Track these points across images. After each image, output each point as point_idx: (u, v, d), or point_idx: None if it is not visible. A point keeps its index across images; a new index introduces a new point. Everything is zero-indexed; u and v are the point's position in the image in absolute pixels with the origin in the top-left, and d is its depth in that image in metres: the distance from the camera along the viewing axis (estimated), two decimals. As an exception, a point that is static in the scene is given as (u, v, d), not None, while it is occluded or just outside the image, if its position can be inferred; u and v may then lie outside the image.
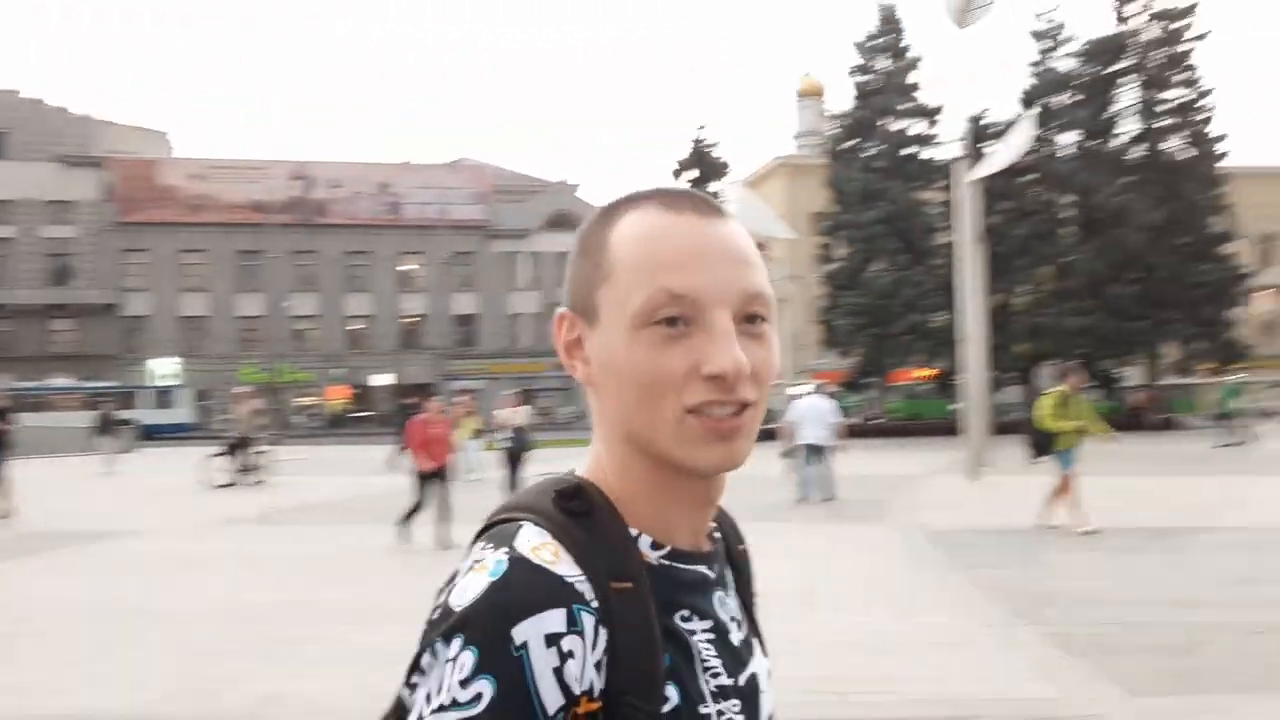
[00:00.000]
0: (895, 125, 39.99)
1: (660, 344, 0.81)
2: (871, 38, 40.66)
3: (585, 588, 0.78)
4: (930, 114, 39.77)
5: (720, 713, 0.84)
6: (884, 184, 38.04)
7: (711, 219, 0.85)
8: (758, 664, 0.93)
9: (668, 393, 0.81)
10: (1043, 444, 11.14)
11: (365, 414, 54.99)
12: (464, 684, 0.74)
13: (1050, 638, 6.30)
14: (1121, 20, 41.06)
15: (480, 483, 16.63)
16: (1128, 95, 40.79)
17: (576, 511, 0.83)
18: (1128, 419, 31.96)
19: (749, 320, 0.83)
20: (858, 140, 40.19)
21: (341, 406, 56.86)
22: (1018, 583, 8.14)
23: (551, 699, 0.75)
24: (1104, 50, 40.29)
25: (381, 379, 56.33)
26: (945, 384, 36.32)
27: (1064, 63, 40.49)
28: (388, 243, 57.25)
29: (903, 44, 40.42)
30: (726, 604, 0.91)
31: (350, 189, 57.02)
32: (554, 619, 0.76)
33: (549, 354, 58.62)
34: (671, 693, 0.80)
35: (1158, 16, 40.65)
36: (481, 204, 58.71)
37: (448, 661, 0.75)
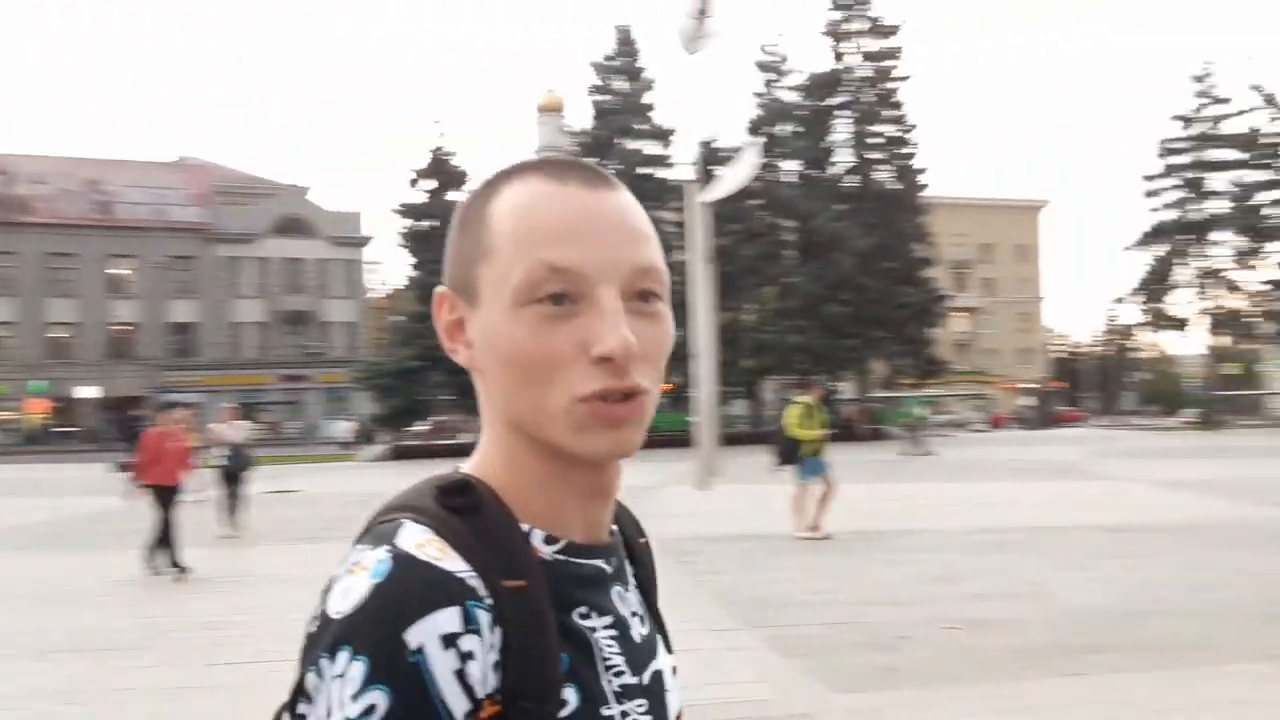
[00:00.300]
0: (632, 145, 41.11)
1: (543, 323, 0.74)
2: (609, 58, 41.62)
3: (477, 583, 0.71)
4: (665, 135, 41.14)
5: (625, 713, 0.79)
6: (620, 203, 38.91)
7: (599, 189, 0.79)
8: (662, 661, 0.88)
9: (554, 376, 0.75)
10: (789, 453, 11.59)
11: (69, 429, 50.70)
12: (354, 698, 0.66)
13: (770, 640, 6.61)
14: (838, 58, 44.10)
15: (197, 503, 15.62)
16: (843, 128, 43.84)
17: (461, 508, 0.76)
18: (842, 430, 34.11)
19: (640, 298, 0.77)
20: (596, 159, 40.98)
21: (41, 421, 52.12)
22: (743, 588, 8.50)
23: (457, 705, 0.68)
24: (822, 85, 43.14)
25: (88, 391, 52.05)
26: (679, 397, 37.54)
27: (788, 94, 43.00)
28: (96, 244, 53.07)
29: (639, 65, 41.61)
30: (627, 599, 0.86)
31: (55, 185, 52.46)
32: (448, 618, 0.69)
33: (275, 365, 56.44)
34: (570, 695, 0.75)
35: (869, 57, 43.97)
36: (203, 205, 55.46)
37: (334, 678, 0.68)
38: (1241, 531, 11.41)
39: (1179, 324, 55.44)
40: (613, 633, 0.81)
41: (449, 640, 0.68)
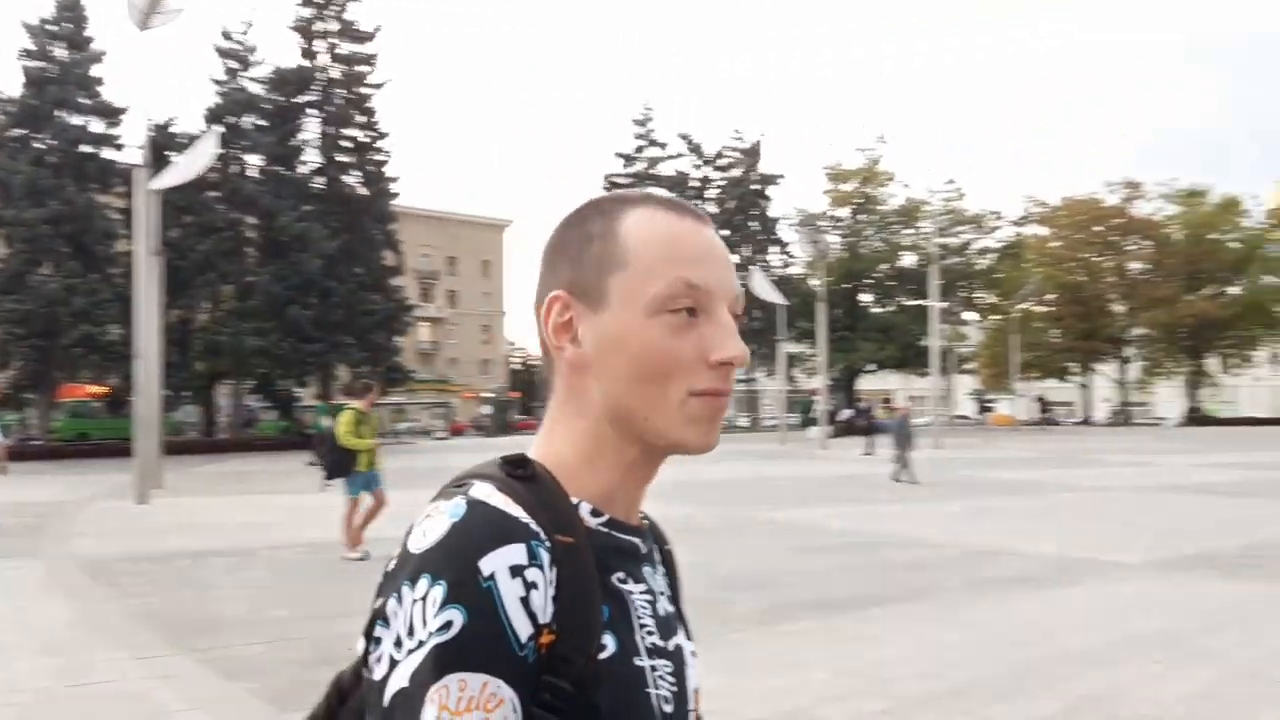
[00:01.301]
0: (75, 120, 36.69)
1: (674, 330, 0.87)
2: (48, 22, 36.84)
3: (538, 528, 0.82)
4: (113, 114, 37.26)
5: (654, 668, 0.88)
6: (55, 181, 34.58)
7: (707, 225, 0.93)
8: (683, 641, 0.96)
9: (675, 374, 0.87)
10: (342, 464, 10.46)
11: None
12: (435, 615, 0.76)
13: (209, 663, 6.13)
14: (308, 55, 42.88)
15: None
16: (313, 128, 42.70)
17: (521, 476, 0.87)
18: (304, 439, 33.10)
19: (733, 316, 0.91)
20: (27, 131, 36.01)
21: None
22: (178, 609, 7.83)
23: (523, 627, 0.78)
24: (290, 81, 41.69)
25: None
26: (118, 401, 34.11)
27: (253, 86, 40.98)
28: None
29: (86, 34, 37.30)
30: (656, 579, 0.95)
31: None
32: (517, 552, 0.79)
33: None
34: (609, 641, 0.84)
35: (340, 59, 43.28)
36: None
37: (415, 601, 0.78)
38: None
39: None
40: (647, 599, 0.92)
41: (516, 570, 0.79)
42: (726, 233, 58.94)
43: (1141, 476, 20.36)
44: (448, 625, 0.75)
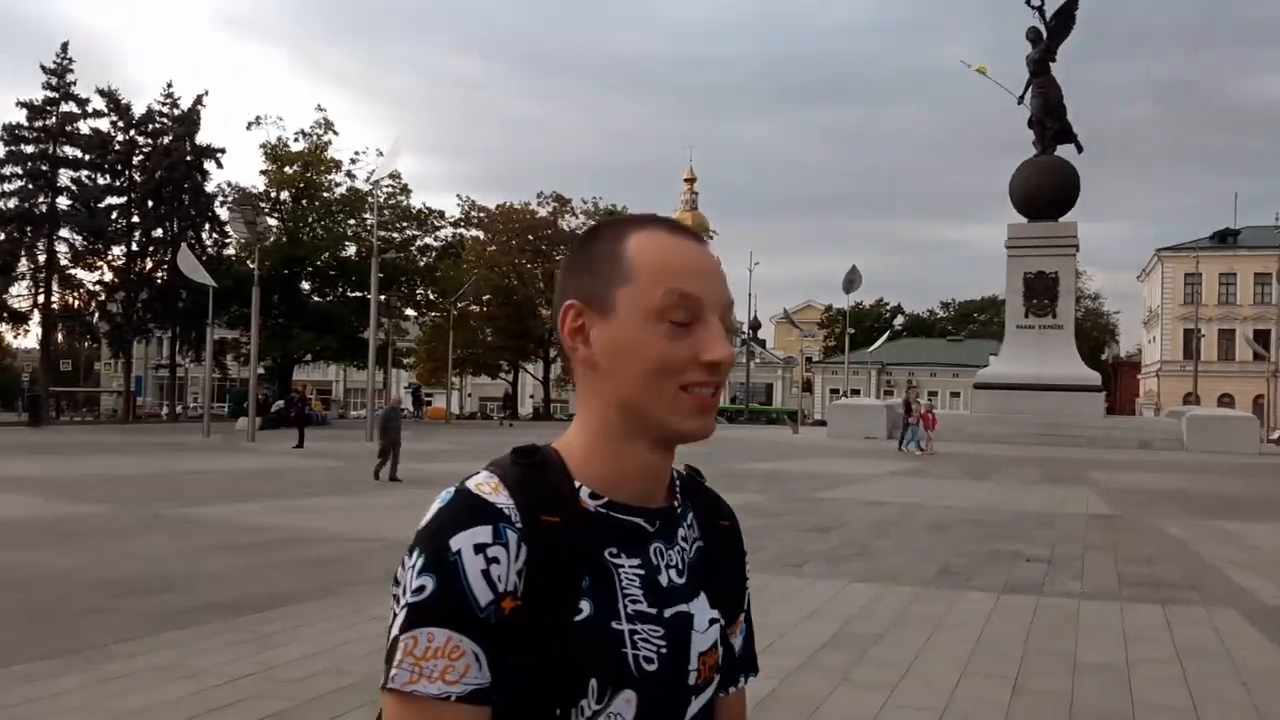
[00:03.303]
0: None
1: (671, 335, 1.01)
2: None
3: (513, 512, 0.98)
4: None
5: (634, 631, 1.03)
6: None
7: (702, 244, 1.08)
8: (695, 608, 1.10)
9: (671, 373, 1.01)
10: None
11: None
12: (414, 581, 0.96)
13: None
14: None
15: None
16: None
17: (525, 463, 1.04)
18: None
19: (725, 325, 1.04)
20: None
21: None
22: None
23: (482, 594, 0.95)
24: None
25: None
26: None
27: None
28: None
29: None
30: (666, 555, 1.08)
31: None
32: (483, 532, 0.96)
33: None
34: (585, 606, 0.99)
35: None
36: None
37: (408, 568, 0.97)
38: (44, 528, 11.35)
39: (21, 317, 53.79)
40: (639, 572, 1.05)
41: (480, 547, 0.96)
42: (151, 204, 54.32)
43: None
44: (421, 589, 0.95)
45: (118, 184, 55.20)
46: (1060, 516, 14.31)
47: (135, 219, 55.33)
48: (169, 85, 72.79)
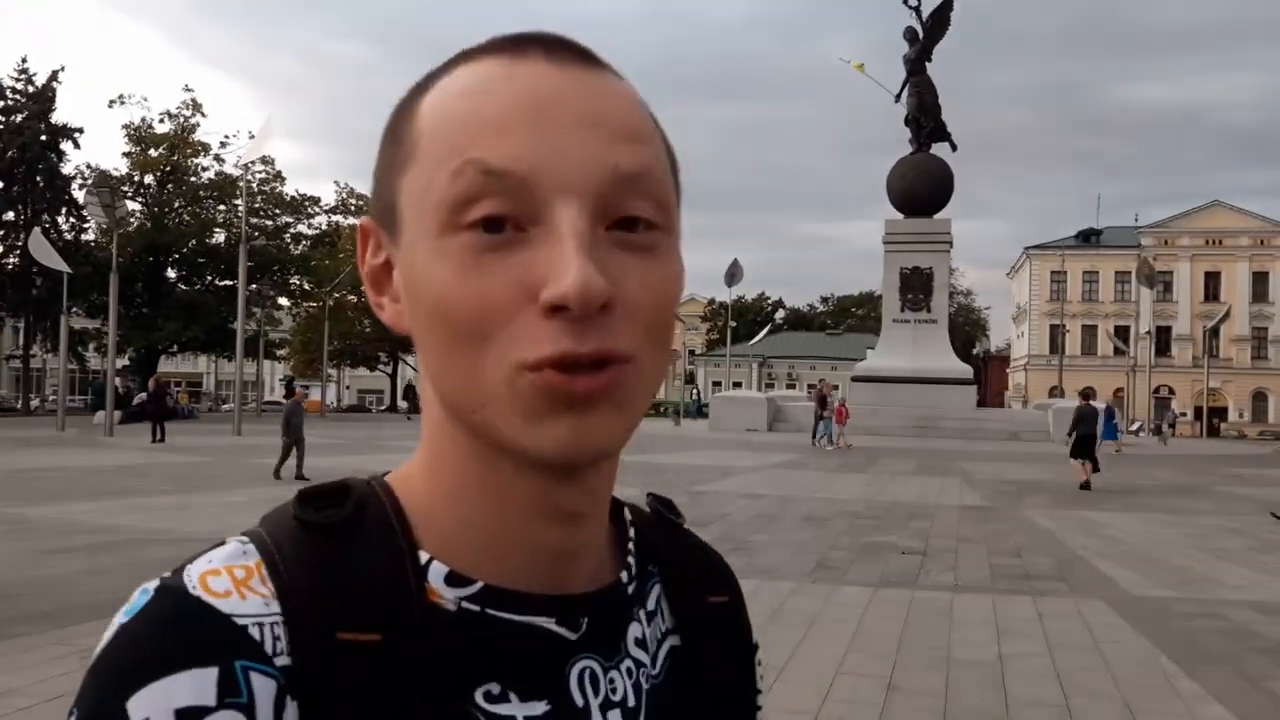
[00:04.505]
0: None
1: (474, 256, 0.51)
2: None
3: (268, 635, 0.51)
4: None
5: None
6: None
7: (570, 67, 0.54)
8: None
9: (490, 334, 0.51)
10: None
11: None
12: None
13: None
14: None
15: None
16: None
17: (322, 524, 0.55)
18: None
19: (624, 226, 0.53)
20: None
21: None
22: None
23: None
24: None
25: None
26: None
27: None
28: None
29: None
30: (605, 680, 0.59)
31: None
32: (192, 684, 0.48)
33: None
34: None
35: None
36: None
37: None
38: None
39: None
40: None
41: (186, 716, 0.48)
42: (1, 186, 51.42)
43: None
44: None
45: None
46: (935, 508, 14.47)
47: (-15, 201, 52.32)
48: (23, 60, 69.02)
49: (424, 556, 0.56)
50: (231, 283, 48.71)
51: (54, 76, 53.32)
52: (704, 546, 0.72)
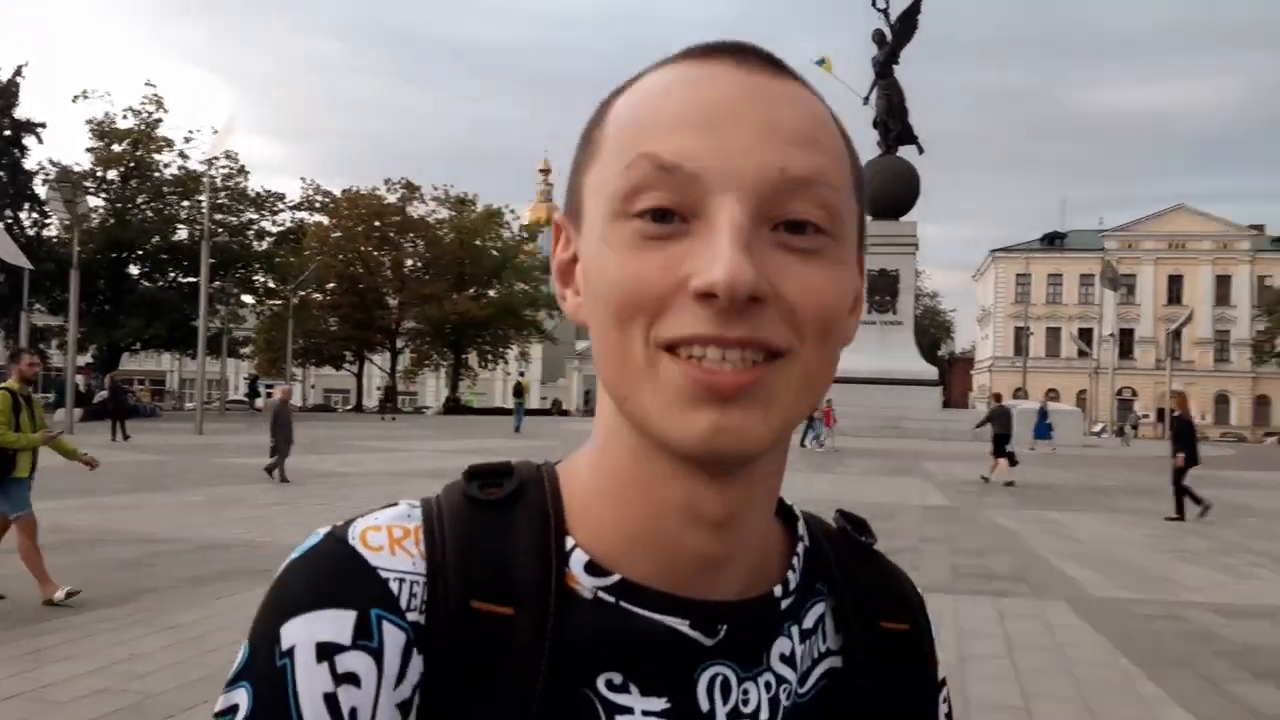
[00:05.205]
0: None
1: (637, 243, 0.53)
2: None
3: (406, 591, 0.55)
4: None
5: None
6: None
7: (757, 74, 0.55)
8: None
9: (642, 315, 0.53)
10: None
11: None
12: (225, 689, 0.55)
13: None
14: None
15: None
16: None
17: (485, 499, 0.59)
18: None
19: (791, 228, 0.54)
20: None
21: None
22: None
23: None
24: None
25: None
26: None
27: None
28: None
29: None
30: (736, 691, 0.58)
31: None
32: (333, 623, 0.53)
33: None
34: None
35: None
36: None
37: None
38: None
39: None
40: None
41: (325, 651, 0.53)
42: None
43: (392, 462, 21.31)
44: (232, 710, 0.53)
45: None
46: (898, 508, 14.49)
47: (-56, 196, 51.39)
48: (-15, 53, 67.86)
49: (570, 543, 0.58)
50: (195, 280, 48.14)
51: (18, 71, 52.51)
52: (893, 573, 0.71)
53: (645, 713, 0.57)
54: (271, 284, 59.27)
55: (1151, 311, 77.50)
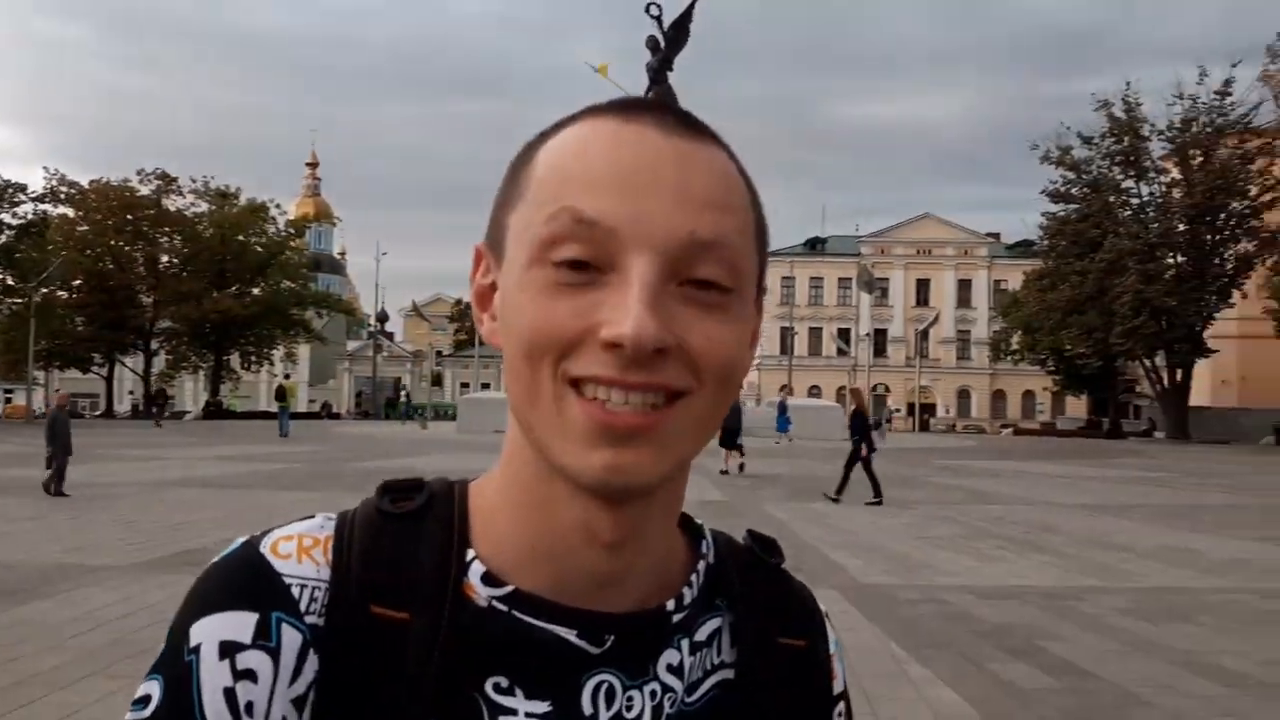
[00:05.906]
0: None
1: (552, 290, 0.57)
2: None
3: (307, 596, 0.60)
4: None
5: None
6: None
7: (675, 134, 0.60)
8: None
9: (551, 353, 0.57)
10: None
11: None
12: (145, 677, 0.60)
13: None
14: None
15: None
16: None
17: (394, 512, 0.64)
18: None
19: (698, 285, 0.58)
20: None
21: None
22: None
23: None
24: None
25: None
26: None
27: None
28: None
29: None
30: (621, 698, 0.62)
31: None
32: (236, 623, 0.59)
33: None
34: None
35: None
36: None
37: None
38: None
39: None
40: None
41: (226, 649, 0.58)
42: None
43: (148, 472, 19.98)
44: (144, 701, 0.59)
45: None
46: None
47: None
48: None
49: (470, 554, 0.63)
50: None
51: None
52: (797, 591, 0.74)
53: (529, 714, 0.60)
54: (11, 281, 54.42)
55: (902, 313, 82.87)
